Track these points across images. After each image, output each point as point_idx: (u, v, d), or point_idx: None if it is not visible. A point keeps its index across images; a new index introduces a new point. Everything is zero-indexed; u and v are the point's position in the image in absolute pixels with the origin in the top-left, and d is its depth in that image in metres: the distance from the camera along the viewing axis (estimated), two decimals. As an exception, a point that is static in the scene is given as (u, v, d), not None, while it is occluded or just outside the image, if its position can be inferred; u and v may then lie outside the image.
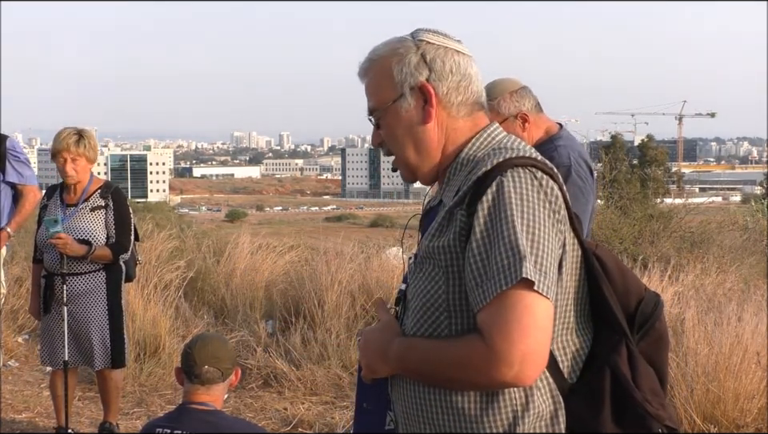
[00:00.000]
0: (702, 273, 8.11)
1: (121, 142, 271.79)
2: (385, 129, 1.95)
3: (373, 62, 1.95)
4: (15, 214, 5.46)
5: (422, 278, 1.83)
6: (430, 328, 1.80)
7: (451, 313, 1.78)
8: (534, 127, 3.66)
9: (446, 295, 1.77)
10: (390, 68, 1.91)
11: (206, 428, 3.04)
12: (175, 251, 8.77)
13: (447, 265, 1.77)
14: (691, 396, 4.80)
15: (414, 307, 1.84)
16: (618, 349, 1.80)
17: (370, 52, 1.97)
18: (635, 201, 12.97)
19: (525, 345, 1.61)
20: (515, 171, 1.75)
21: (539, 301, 1.64)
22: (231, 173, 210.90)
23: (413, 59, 1.90)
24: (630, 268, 1.95)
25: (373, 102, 1.95)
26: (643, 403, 1.79)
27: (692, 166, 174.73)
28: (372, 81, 1.95)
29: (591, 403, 1.78)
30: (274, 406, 5.72)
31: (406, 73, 1.90)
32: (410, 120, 1.91)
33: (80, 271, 4.76)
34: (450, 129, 1.91)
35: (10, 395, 5.95)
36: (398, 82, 1.90)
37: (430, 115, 1.89)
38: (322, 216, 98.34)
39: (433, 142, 1.91)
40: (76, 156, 4.78)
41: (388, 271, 7.37)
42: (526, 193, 1.72)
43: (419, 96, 1.89)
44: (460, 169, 1.88)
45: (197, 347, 3.15)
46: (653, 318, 1.89)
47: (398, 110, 1.91)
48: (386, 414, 2.03)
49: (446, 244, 1.77)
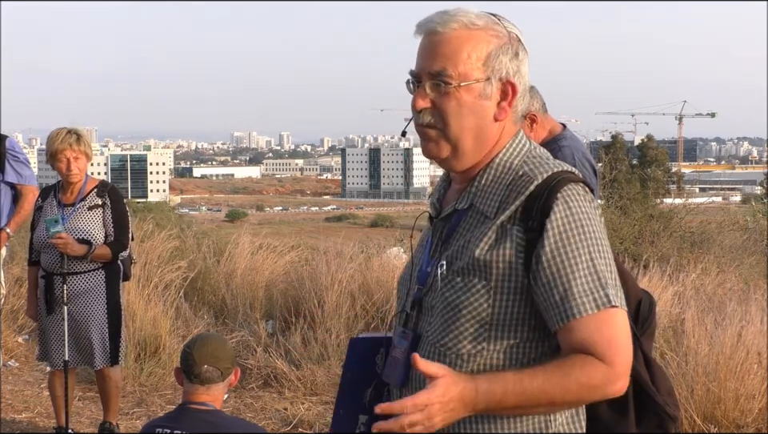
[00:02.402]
0: (702, 273, 8.11)
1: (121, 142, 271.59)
2: (453, 102, 1.79)
3: (464, 28, 1.79)
4: (15, 215, 5.46)
5: (461, 289, 1.78)
6: (464, 341, 1.77)
7: (492, 328, 1.76)
8: (539, 128, 3.67)
9: (492, 309, 1.75)
10: (487, 45, 1.79)
11: (206, 428, 3.04)
12: (175, 251, 8.76)
13: (498, 280, 1.75)
14: (691, 396, 4.80)
15: (444, 316, 1.79)
16: (635, 353, 1.81)
17: (456, 10, 1.81)
18: (635, 201, 12.98)
19: (629, 356, 1.69)
20: (573, 188, 1.76)
21: (624, 315, 1.71)
22: (231, 173, 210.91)
23: (510, 50, 1.81)
24: (628, 270, 1.97)
25: (450, 67, 1.78)
26: (664, 406, 1.85)
27: (692, 167, 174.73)
28: (456, 46, 1.79)
29: (616, 407, 1.82)
30: (274, 406, 5.72)
31: (502, 62, 1.80)
32: (484, 108, 1.80)
33: (79, 270, 4.76)
34: (505, 132, 1.85)
35: (10, 395, 5.95)
36: (491, 67, 1.79)
37: (505, 113, 1.82)
38: (322, 216, 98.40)
39: (493, 139, 1.84)
40: (78, 154, 4.79)
41: (388, 271, 7.36)
42: (590, 212, 1.75)
43: (500, 90, 1.81)
44: (497, 175, 1.82)
45: (196, 347, 3.15)
46: (650, 318, 1.97)
47: (478, 91, 1.80)
48: (357, 417, 2.02)
49: (499, 260, 1.74)
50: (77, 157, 4.78)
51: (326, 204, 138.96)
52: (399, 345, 1.89)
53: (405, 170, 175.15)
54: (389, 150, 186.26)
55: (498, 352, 1.76)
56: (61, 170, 4.80)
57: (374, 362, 2.00)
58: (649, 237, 11.30)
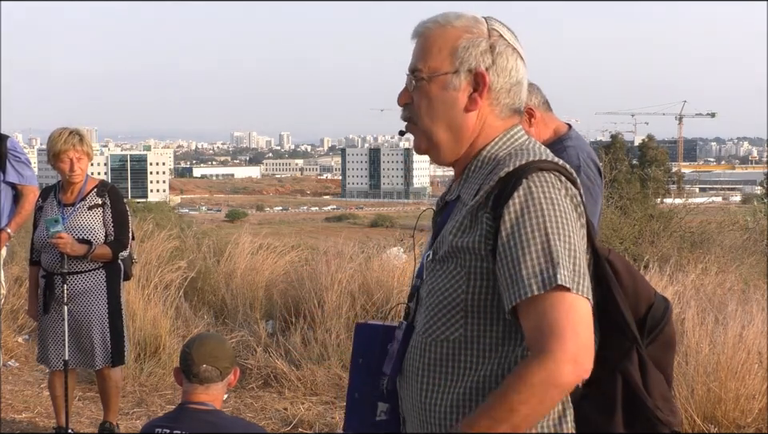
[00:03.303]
0: (702, 273, 8.10)
1: (121, 142, 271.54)
2: (423, 96, 1.88)
3: (439, 27, 1.88)
4: (15, 215, 5.45)
5: (441, 276, 1.81)
6: (443, 327, 1.80)
7: (468, 313, 1.77)
8: (542, 126, 3.65)
9: (466, 295, 1.77)
10: (457, 41, 1.86)
11: (206, 428, 3.04)
12: (175, 251, 8.76)
13: (470, 266, 1.77)
14: (692, 396, 4.80)
15: (429, 304, 1.83)
16: (630, 355, 1.81)
17: (440, 15, 1.91)
18: (635, 201, 13.00)
19: (576, 343, 1.62)
20: (541, 175, 1.75)
21: (579, 300, 1.66)
22: (231, 173, 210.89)
23: (483, 44, 1.86)
24: (640, 274, 1.94)
25: (422, 63, 1.88)
26: (654, 410, 1.82)
27: (692, 167, 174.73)
28: (430, 43, 1.88)
29: (603, 409, 1.80)
30: (274, 406, 5.72)
31: (471, 54, 1.85)
32: (453, 100, 1.86)
33: (80, 269, 4.77)
34: (487, 124, 1.88)
35: (10, 395, 5.95)
36: (459, 59, 1.85)
37: (476, 103, 1.86)
38: (322, 216, 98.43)
39: (468, 130, 1.87)
40: (81, 155, 4.80)
41: (388, 271, 7.36)
42: (555, 197, 1.73)
43: (471, 81, 1.86)
44: (480, 166, 1.86)
45: (195, 347, 3.15)
46: (662, 323, 1.91)
47: (445, 83, 1.86)
48: (376, 404, 2.02)
49: (470, 245, 1.76)
50: (80, 157, 4.79)
51: (326, 204, 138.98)
52: (398, 336, 1.94)
53: (405, 170, 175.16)
54: (389, 150, 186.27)
55: (479, 337, 1.76)
56: (63, 170, 4.80)
57: (387, 350, 2.01)
58: (649, 237, 11.31)
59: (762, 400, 4.82)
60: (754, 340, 4.99)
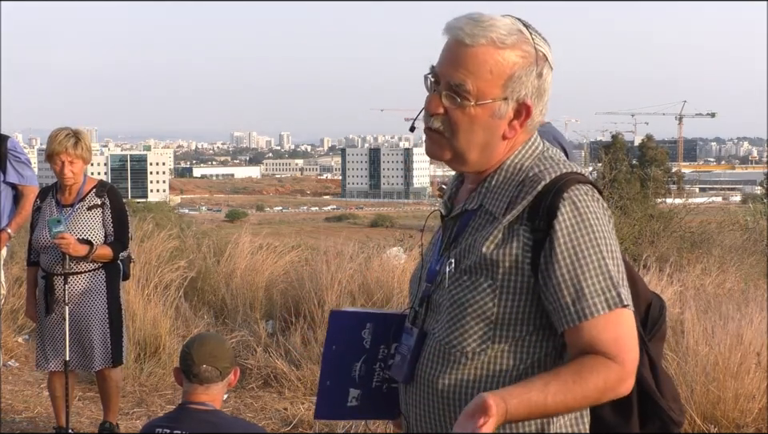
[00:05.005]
0: (702, 273, 8.11)
1: (121, 142, 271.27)
2: (466, 116, 1.79)
3: (491, 42, 1.77)
4: (16, 215, 5.46)
5: (467, 287, 1.79)
6: (460, 337, 1.79)
7: (497, 326, 1.77)
8: None
9: (497, 308, 1.77)
10: (512, 68, 1.78)
11: (206, 428, 3.04)
12: (175, 251, 8.76)
13: (504, 279, 1.76)
14: (691, 396, 4.80)
15: (453, 315, 1.81)
16: (641, 357, 1.82)
17: (488, 22, 1.77)
18: (635, 201, 12.99)
19: (636, 355, 1.72)
20: (581, 188, 1.77)
21: (632, 315, 1.74)
22: (231, 173, 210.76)
23: (533, 73, 1.79)
24: (638, 273, 1.98)
25: (470, 82, 1.78)
26: (668, 412, 1.86)
27: (692, 167, 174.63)
28: (480, 61, 1.77)
29: (619, 411, 1.82)
30: (274, 406, 5.72)
31: (524, 84, 1.79)
32: (495, 127, 1.81)
33: (80, 270, 4.76)
34: (516, 141, 1.86)
35: (9, 395, 5.95)
36: (511, 88, 1.79)
37: (515, 132, 1.83)
38: (322, 216, 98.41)
39: (500, 153, 1.84)
40: (74, 159, 4.77)
41: (388, 271, 7.37)
42: (597, 212, 1.76)
43: (514, 109, 1.81)
44: (506, 177, 1.83)
45: (194, 347, 3.15)
46: (660, 321, 1.96)
47: (493, 109, 1.80)
48: (348, 390, 2.03)
49: (506, 259, 1.75)
50: (72, 161, 4.76)
51: (326, 204, 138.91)
52: (406, 342, 1.92)
53: (405, 171, 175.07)
54: (389, 150, 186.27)
55: (503, 351, 1.77)
56: (55, 171, 4.81)
57: (360, 337, 2.01)
58: (649, 237, 11.31)
59: (762, 400, 4.83)
60: (753, 340, 4.99)
